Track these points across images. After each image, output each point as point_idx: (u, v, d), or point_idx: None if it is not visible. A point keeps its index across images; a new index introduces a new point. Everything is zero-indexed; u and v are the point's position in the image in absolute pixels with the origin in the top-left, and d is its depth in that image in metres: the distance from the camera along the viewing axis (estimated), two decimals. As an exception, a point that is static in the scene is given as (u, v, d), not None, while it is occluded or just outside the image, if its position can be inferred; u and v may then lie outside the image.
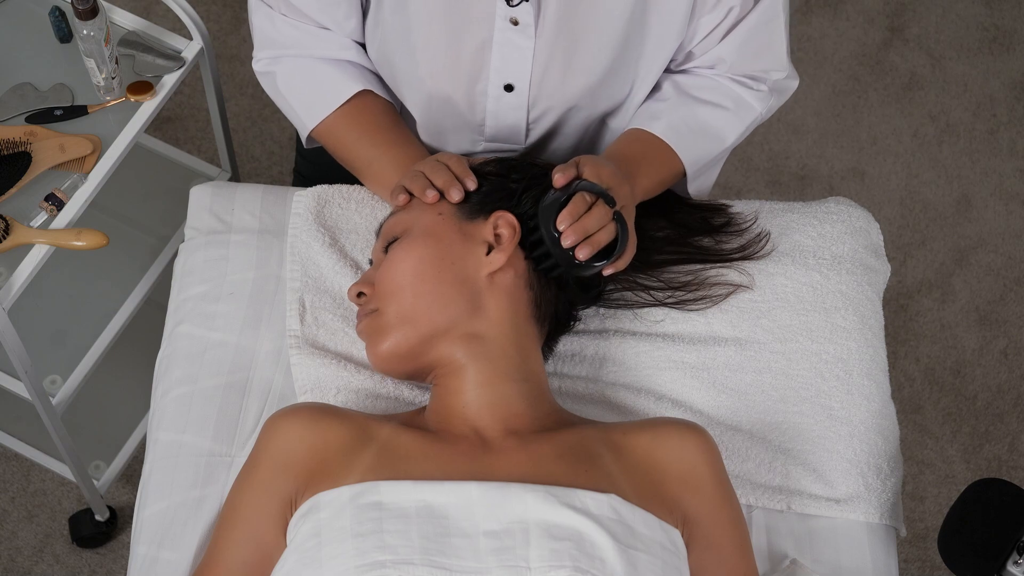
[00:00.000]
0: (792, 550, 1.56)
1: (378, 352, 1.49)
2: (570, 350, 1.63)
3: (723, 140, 1.64)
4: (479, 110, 1.63)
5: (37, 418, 2.13)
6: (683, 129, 1.62)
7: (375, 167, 1.64)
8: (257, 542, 1.41)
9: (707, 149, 1.64)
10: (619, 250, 1.48)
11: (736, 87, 1.64)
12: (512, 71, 1.58)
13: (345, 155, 1.67)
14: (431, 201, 1.50)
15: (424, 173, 1.53)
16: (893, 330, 2.61)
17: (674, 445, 1.44)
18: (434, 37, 1.57)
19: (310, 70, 1.65)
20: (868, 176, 2.76)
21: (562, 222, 1.46)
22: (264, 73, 1.69)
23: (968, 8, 2.93)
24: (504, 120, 1.64)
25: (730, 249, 1.67)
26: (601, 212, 1.47)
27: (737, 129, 1.65)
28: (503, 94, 1.61)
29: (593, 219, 1.46)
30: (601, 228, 1.47)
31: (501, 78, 1.59)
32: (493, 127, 1.65)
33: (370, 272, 1.54)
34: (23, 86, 1.83)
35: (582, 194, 1.47)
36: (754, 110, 1.65)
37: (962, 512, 1.44)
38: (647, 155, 1.60)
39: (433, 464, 1.40)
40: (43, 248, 1.73)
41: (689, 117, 1.62)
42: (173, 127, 2.70)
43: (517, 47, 1.55)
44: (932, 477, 2.51)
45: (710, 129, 1.63)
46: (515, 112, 1.63)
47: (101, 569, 2.34)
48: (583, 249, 1.46)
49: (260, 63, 1.69)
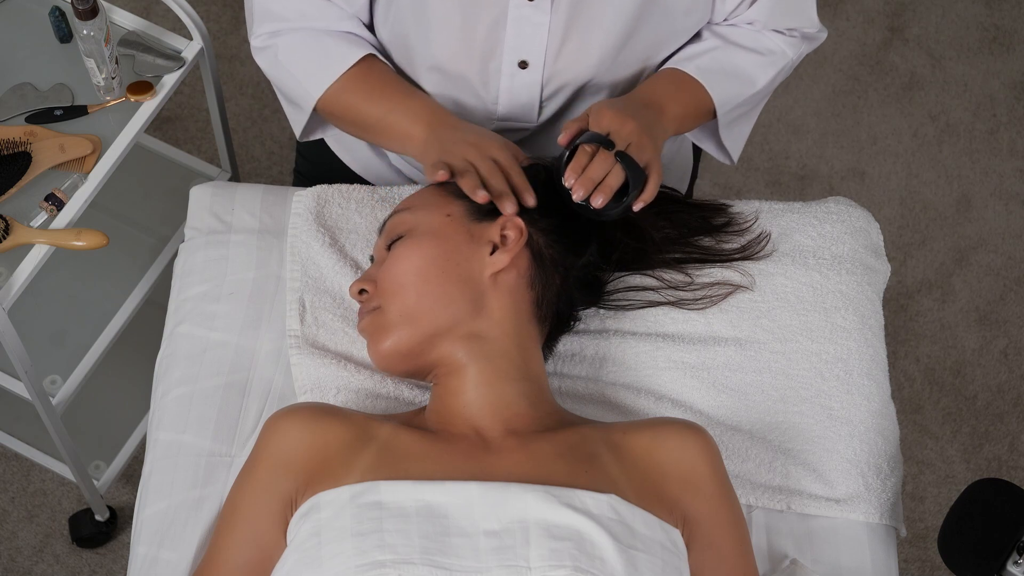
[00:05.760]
0: (792, 550, 1.56)
1: (379, 350, 1.49)
2: (570, 350, 1.63)
3: (754, 83, 1.67)
4: (492, 88, 1.63)
5: (37, 418, 2.13)
6: (714, 68, 1.64)
7: (388, 120, 1.62)
8: (257, 542, 1.41)
9: (737, 91, 1.66)
10: (634, 185, 1.51)
11: (770, 34, 1.66)
12: (527, 47, 1.58)
13: (354, 117, 1.65)
14: (482, 202, 1.50)
15: (476, 168, 1.52)
16: (893, 330, 2.60)
17: (674, 445, 1.44)
18: (449, 14, 1.57)
19: (314, 40, 1.63)
20: (868, 176, 2.76)
21: (568, 179, 1.50)
22: (263, 48, 1.66)
23: (968, 8, 2.93)
24: (518, 98, 1.64)
25: (730, 249, 1.67)
26: (602, 159, 1.50)
27: (769, 73, 1.67)
28: (517, 71, 1.61)
29: (596, 168, 1.50)
30: (608, 173, 1.50)
31: (516, 55, 1.59)
32: (506, 105, 1.65)
33: (372, 269, 1.54)
34: (23, 86, 1.83)
35: (582, 147, 1.51)
36: (786, 56, 1.68)
37: (962, 512, 1.44)
38: (676, 89, 1.63)
39: (433, 464, 1.40)
40: (43, 248, 1.73)
41: (721, 59, 1.65)
42: (173, 127, 2.70)
43: (532, 23, 1.56)
44: (932, 477, 2.51)
45: (741, 72, 1.66)
46: (529, 89, 1.63)
47: (101, 569, 2.34)
48: (596, 197, 1.49)
49: (259, 38, 1.66)
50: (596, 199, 1.49)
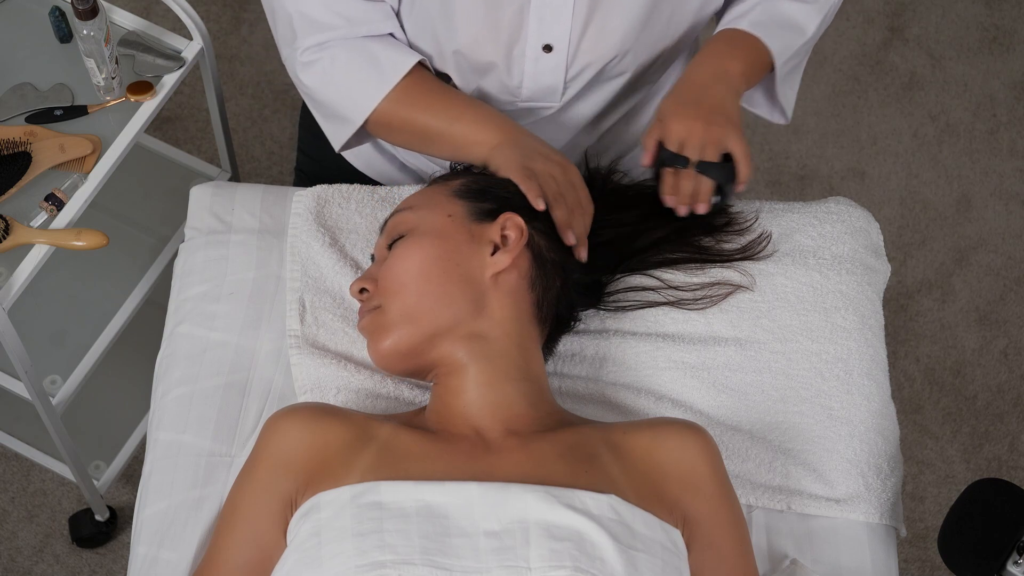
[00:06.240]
0: (792, 550, 1.56)
1: (379, 349, 1.49)
2: (570, 350, 1.63)
3: (804, 32, 1.68)
4: (516, 73, 1.63)
5: (37, 418, 2.13)
6: (765, 21, 1.66)
7: (453, 130, 1.60)
8: (257, 542, 1.41)
9: (791, 40, 1.67)
10: (725, 180, 1.59)
11: None
12: (551, 31, 1.58)
13: (413, 128, 1.61)
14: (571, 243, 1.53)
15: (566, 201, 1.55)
16: (893, 330, 2.60)
17: (674, 445, 1.44)
18: (473, 3, 1.56)
19: (361, 50, 1.60)
20: (868, 176, 2.76)
21: (667, 202, 1.61)
22: (310, 63, 1.60)
23: (968, 8, 2.93)
24: (542, 81, 1.64)
25: (731, 249, 1.67)
26: (687, 177, 1.58)
27: (815, 20, 1.68)
28: (541, 55, 1.60)
29: (685, 185, 1.59)
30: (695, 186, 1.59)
31: (539, 39, 1.59)
32: (530, 88, 1.65)
33: (373, 268, 1.54)
34: (23, 86, 1.83)
35: (664, 171, 1.60)
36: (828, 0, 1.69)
37: (962, 512, 1.44)
38: (732, 47, 1.64)
39: (433, 464, 1.40)
40: (43, 248, 1.73)
41: (772, 11, 1.66)
42: (173, 127, 2.70)
43: (555, 7, 1.56)
44: (932, 477, 2.51)
45: (791, 22, 1.67)
46: (553, 72, 1.63)
47: (101, 569, 2.34)
48: (699, 208, 1.60)
49: (305, 52, 1.60)
50: (700, 209, 1.59)
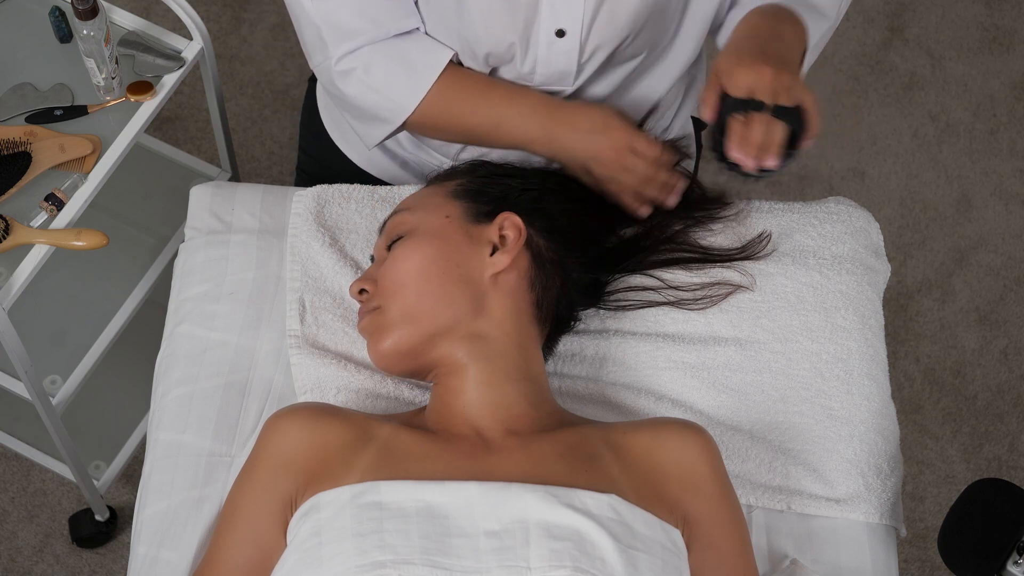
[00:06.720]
0: (792, 550, 1.56)
1: (379, 350, 1.49)
2: (570, 350, 1.63)
3: (827, 16, 1.63)
4: (530, 58, 1.61)
5: (37, 418, 2.13)
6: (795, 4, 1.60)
7: (506, 125, 1.60)
8: (257, 542, 1.41)
9: (817, 26, 1.63)
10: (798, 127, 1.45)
11: None
12: (564, 16, 1.57)
13: (461, 123, 1.61)
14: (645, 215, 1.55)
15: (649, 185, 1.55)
16: (893, 330, 2.60)
17: (674, 445, 1.44)
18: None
19: (394, 51, 1.59)
20: (868, 176, 2.76)
21: (734, 154, 1.44)
22: (348, 72, 1.59)
23: (968, 8, 2.93)
24: (555, 66, 1.62)
25: (731, 249, 1.67)
26: (759, 122, 1.44)
27: (835, 5, 1.64)
28: (554, 40, 1.59)
29: (757, 133, 1.44)
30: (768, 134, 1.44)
31: (552, 24, 1.57)
32: (543, 74, 1.63)
33: (372, 269, 1.54)
34: (23, 86, 1.83)
35: (733, 118, 1.45)
36: None
37: (962, 512, 1.44)
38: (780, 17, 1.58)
39: (433, 464, 1.40)
40: (43, 248, 1.73)
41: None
42: (173, 127, 2.70)
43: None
44: (932, 477, 2.51)
45: (814, 6, 1.62)
46: (567, 56, 1.61)
47: (101, 569, 2.34)
48: (769, 160, 1.44)
49: (341, 62, 1.59)
50: (770, 162, 1.44)
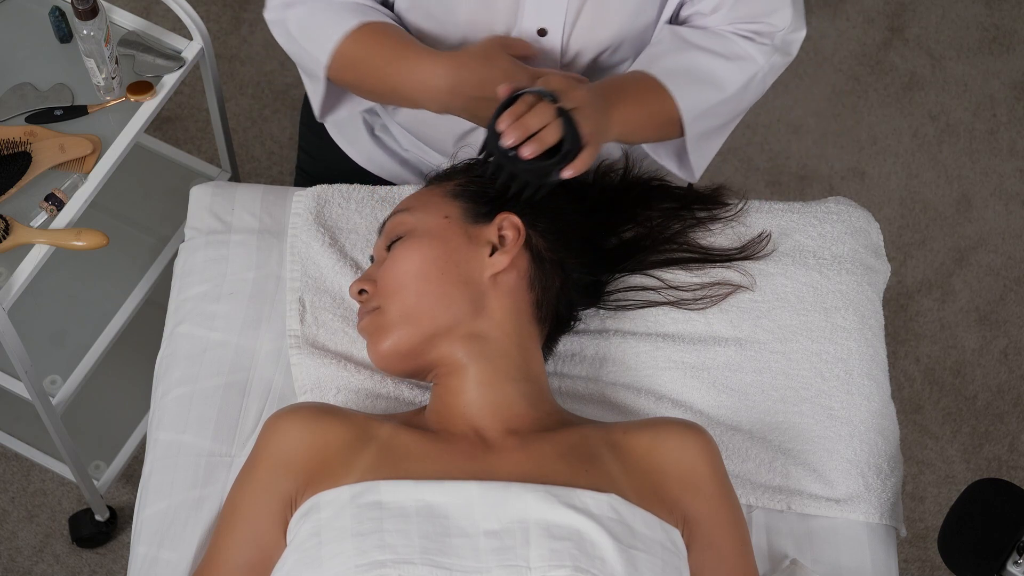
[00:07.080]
0: (792, 550, 1.56)
1: (379, 350, 1.49)
2: (570, 350, 1.63)
3: (722, 88, 1.60)
4: None
5: (37, 418, 2.13)
6: (679, 72, 1.58)
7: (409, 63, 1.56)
8: (257, 542, 1.41)
9: (704, 96, 1.59)
10: (569, 146, 1.41)
11: (739, 39, 1.61)
12: (546, 14, 1.57)
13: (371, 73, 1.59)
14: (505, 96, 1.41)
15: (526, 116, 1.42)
16: (893, 330, 2.60)
17: (674, 445, 1.44)
18: None
19: (324, 7, 1.60)
20: (868, 176, 2.76)
21: (502, 122, 1.39)
22: (276, 21, 1.63)
23: (968, 8, 2.93)
24: (536, 65, 1.60)
25: (731, 249, 1.67)
26: (543, 109, 1.40)
27: (738, 79, 1.60)
28: (536, 39, 1.59)
29: (534, 118, 1.40)
30: (545, 126, 1.40)
31: (534, 22, 1.58)
32: None
33: (372, 269, 1.54)
34: (23, 86, 1.83)
35: (524, 96, 1.41)
36: (756, 62, 1.60)
37: (962, 512, 1.44)
38: (637, 89, 1.56)
39: (433, 464, 1.40)
40: (43, 248, 1.73)
41: (687, 62, 1.58)
42: (173, 127, 2.70)
43: None
44: (932, 477, 2.51)
45: (708, 76, 1.59)
46: (549, 56, 1.61)
47: (101, 569, 2.34)
48: (527, 147, 1.39)
49: (272, 11, 1.63)
50: (526, 149, 1.39)
